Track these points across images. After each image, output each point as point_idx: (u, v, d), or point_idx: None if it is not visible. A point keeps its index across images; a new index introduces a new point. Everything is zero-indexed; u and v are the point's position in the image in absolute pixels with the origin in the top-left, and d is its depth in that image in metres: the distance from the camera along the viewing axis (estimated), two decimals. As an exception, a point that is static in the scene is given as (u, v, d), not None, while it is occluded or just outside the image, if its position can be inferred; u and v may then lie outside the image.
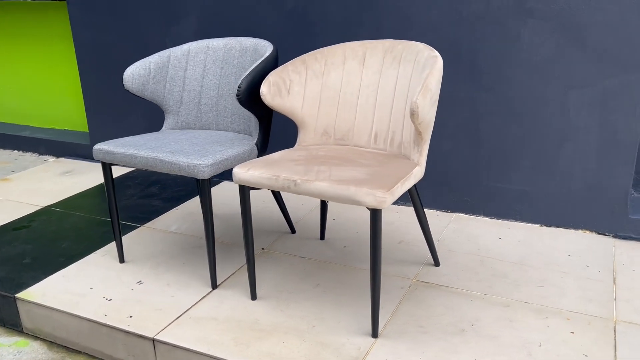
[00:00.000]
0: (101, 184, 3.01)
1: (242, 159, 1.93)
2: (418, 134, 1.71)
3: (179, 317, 1.78)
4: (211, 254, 1.89)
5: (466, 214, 2.47)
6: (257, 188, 1.73)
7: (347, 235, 2.31)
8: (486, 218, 2.43)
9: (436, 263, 2.05)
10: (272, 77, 1.87)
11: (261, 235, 2.34)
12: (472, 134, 2.36)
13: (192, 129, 2.30)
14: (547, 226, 2.33)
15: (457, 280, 1.95)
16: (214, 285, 1.94)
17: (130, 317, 1.79)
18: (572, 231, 2.28)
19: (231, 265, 2.10)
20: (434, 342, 1.62)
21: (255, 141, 2.05)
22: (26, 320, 1.93)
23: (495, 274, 1.99)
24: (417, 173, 1.71)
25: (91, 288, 1.97)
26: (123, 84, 2.13)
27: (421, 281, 1.95)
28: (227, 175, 3.00)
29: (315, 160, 1.75)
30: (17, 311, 1.95)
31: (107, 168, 2.02)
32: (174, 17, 2.87)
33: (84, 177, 3.11)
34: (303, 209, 2.58)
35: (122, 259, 2.15)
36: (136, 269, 2.09)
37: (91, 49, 3.14)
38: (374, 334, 1.65)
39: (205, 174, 1.79)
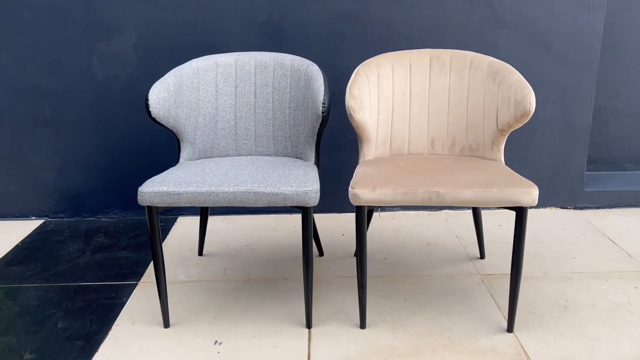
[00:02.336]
0: (16, 245, 2.35)
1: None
2: (504, 133, 1.83)
3: (312, 366, 1.56)
4: (309, 290, 1.70)
5: (452, 209, 2.66)
6: (373, 207, 1.63)
7: (375, 247, 2.28)
8: (470, 210, 2.66)
9: (482, 256, 2.18)
10: (355, 89, 1.76)
11: (287, 264, 2.15)
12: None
13: (209, 157, 2.00)
14: (519, 209, 2.67)
15: (510, 267, 2.12)
16: (309, 324, 1.74)
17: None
18: (543, 210, 2.66)
19: (299, 299, 1.90)
20: (558, 322, 1.75)
21: (313, 160, 1.90)
22: None
23: (531, 255, 2.21)
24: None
25: (165, 365, 1.58)
26: (149, 111, 1.73)
27: (487, 274, 2.07)
28: (184, 210, 2.64)
29: (420, 170, 1.72)
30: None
31: (154, 214, 1.64)
32: (100, 32, 2.41)
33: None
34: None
35: (167, 323, 1.76)
36: (192, 330, 1.74)
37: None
38: (510, 328, 1.71)
39: (316, 200, 1.60)
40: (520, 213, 1.59)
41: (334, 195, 2.62)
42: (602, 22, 2.42)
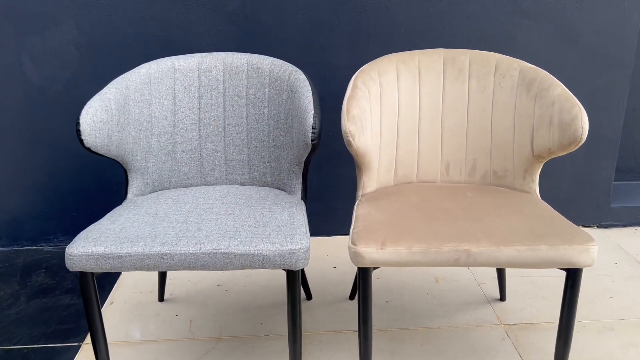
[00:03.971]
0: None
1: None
2: (541, 159, 1.44)
3: None
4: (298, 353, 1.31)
5: (459, 230, 2.29)
6: (377, 267, 1.24)
7: (374, 286, 1.90)
8: (479, 231, 2.29)
9: (502, 297, 1.82)
10: (353, 109, 1.35)
11: (268, 313, 1.76)
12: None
13: (167, 189, 1.58)
14: (536, 228, 2.31)
15: (538, 312, 1.76)
16: (298, 409, 1.36)
17: None
18: (563, 229, 2.30)
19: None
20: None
21: (299, 195, 1.49)
22: None
23: (558, 294, 1.85)
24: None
25: None
26: (81, 140, 1.30)
27: (511, 324, 1.70)
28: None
29: (438, 211, 1.33)
30: None
31: (89, 281, 1.23)
32: (31, 24, 1.95)
33: None
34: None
35: (113, 412, 1.36)
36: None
37: None
38: (553, 410, 1.35)
39: (305, 262, 1.20)
40: (574, 275, 1.22)
41: (322, 215, 2.23)
42: (640, 12, 2.03)
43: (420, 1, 1.99)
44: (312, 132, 1.30)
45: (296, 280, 1.23)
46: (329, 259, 2.10)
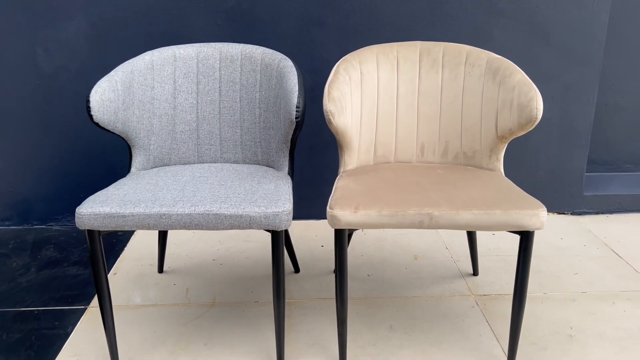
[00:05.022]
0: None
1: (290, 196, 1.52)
2: (504, 140, 1.60)
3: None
4: (280, 325, 1.46)
5: (440, 215, 2.44)
6: (353, 230, 1.39)
7: (357, 262, 2.06)
8: (459, 216, 2.44)
9: (475, 272, 1.97)
10: (334, 91, 1.51)
11: (258, 283, 1.91)
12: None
13: (166, 165, 1.74)
14: (513, 214, 2.46)
15: (507, 285, 1.91)
16: (280, 358, 1.51)
17: None
18: (539, 215, 2.45)
19: (271, 327, 1.66)
20: (563, 356, 1.55)
21: (286, 170, 1.65)
22: None
23: (525, 270, 2.00)
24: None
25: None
26: (90, 115, 1.46)
27: (481, 295, 1.85)
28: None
29: (409, 184, 1.49)
30: None
31: (95, 239, 1.38)
32: (46, 18, 2.12)
33: None
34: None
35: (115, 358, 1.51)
36: (151, 369, 1.50)
37: None
38: (512, 357, 1.49)
39: (287, 223, 1.36)
40: (526, 238, 1.37)
41: (312, 200, 2.38)
42: (608, 12, 2.19)
43: (404, 0, 2.15)
44: (296, 111, 1.46)
45: (280, 241, 1.38)
46: (317, 239, 2.26)
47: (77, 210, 1.35)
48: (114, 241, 2.24)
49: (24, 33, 2.14)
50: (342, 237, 1.38)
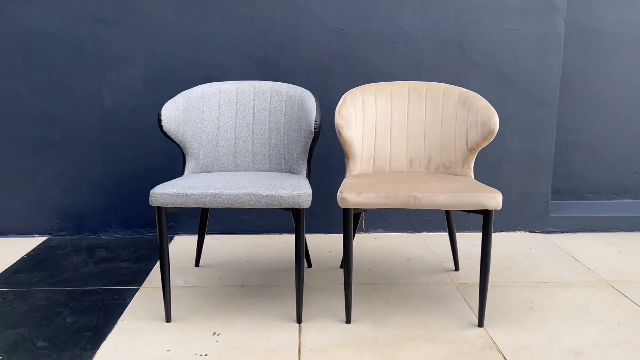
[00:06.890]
0: (22, 257, 2.50)
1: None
2: (473, 151, 2.08)
3: (301, 352, 1.73)
4: (300, 285, 1.88)
5: (430, 232, 2.88)
6: (360, 210, 1.84)
7: (359, 261, 2.48)
8: (446, 233, 2.88)
9: (456, 268, 2.39)
10: (343, 110, 2.02)
11: (278, 274, 2.33)
12: (430, 163, 2.81)
13: (210, 172, 2.21)
14: (497, 232, 2.89)
15: (482, 277, 2.32)
16: (299, 319, 1.91)
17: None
18: (513, 233, 2.89)
19: (290, 301, 2.08)
20: (524, 319, 1.95)
21: (305, 174, 2.12)
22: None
23: (500, 268, 2.42)
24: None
25: (168, 350, 1.74)
26: (161, 125, 1.96)
27: (461, 282, 2.27)
28: (185, 229, 2.82)
29: (399, 180, 1.95)
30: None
31: (163, 215, 1.84)
32: (112, 64, 2.66)
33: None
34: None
35: (169, 318, 1.92)
36: (192, 324, 1.90)
37: (-12, 100, 2.64)
38: (480, 323, 1.89)
39: (308, 202, 1.82)
40: (487, 216, 1.82)
41: (322, 217, 2.83)
42: (560, 66, 2.74)
43: (397, 55, 2.70)
44: (314, 123, 1.96)
45: (302, 216, 1.83)
46: (326, 247, 2.69)
47: (151, 191, 1.81)
48: (155, 247, 2.67)
49: (94, 75, 2.67)
50: (349, 215, 1.83)
